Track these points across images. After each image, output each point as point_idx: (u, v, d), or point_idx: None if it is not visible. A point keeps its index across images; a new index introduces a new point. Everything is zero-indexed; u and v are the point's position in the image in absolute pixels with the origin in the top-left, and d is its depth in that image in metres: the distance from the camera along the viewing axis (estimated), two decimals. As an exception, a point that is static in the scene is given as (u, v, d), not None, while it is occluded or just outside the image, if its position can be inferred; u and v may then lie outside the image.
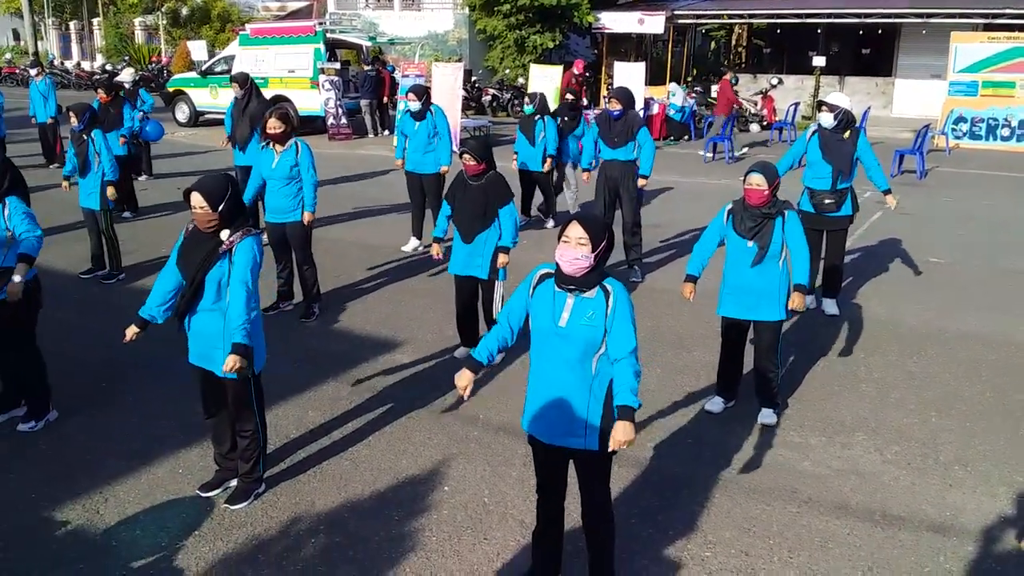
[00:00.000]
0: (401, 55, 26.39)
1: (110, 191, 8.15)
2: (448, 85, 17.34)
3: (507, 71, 24.92)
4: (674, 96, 19.73)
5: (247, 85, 9.78)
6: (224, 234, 4.17)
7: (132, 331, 4.39)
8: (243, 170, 9.19)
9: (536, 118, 10.33)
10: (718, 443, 5.28)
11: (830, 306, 7.59)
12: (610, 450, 3.34)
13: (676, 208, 12.19)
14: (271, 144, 6.97)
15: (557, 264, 3.43)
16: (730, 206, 5.35)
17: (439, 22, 27.83)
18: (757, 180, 5.15)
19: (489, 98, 23.69)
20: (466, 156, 5.99)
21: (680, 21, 24.80)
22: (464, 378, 3.61)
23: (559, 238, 3.41)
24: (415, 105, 9.16)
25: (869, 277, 8.73)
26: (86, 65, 36.21)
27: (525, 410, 3.64)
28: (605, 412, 3.44)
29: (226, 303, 4.20)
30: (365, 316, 7.49)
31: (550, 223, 10.80)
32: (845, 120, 7.11)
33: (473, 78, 24.03)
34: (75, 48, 42.72)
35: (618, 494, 4.51)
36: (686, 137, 19.87)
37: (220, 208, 4.13)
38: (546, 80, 18.64)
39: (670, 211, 11.90)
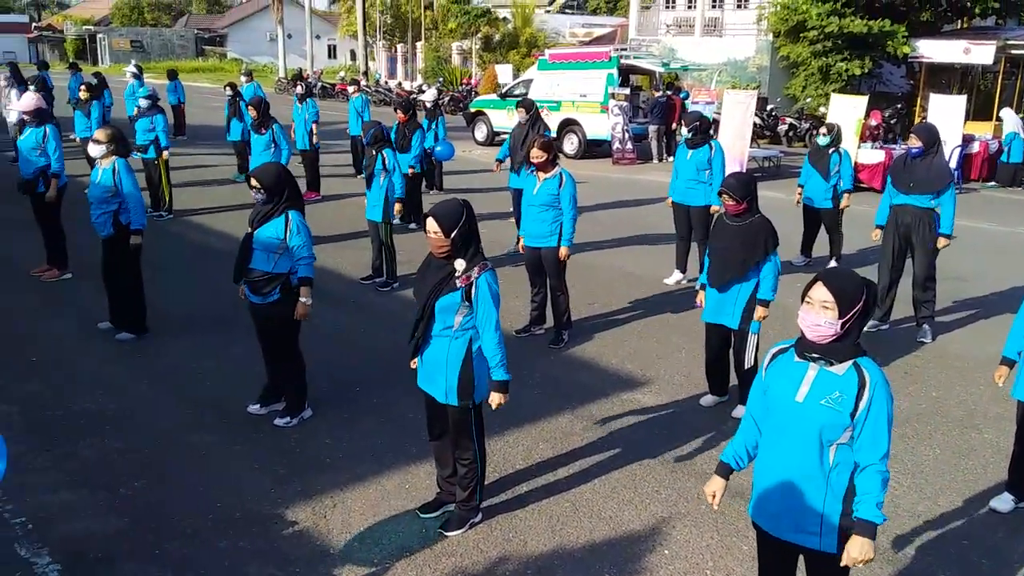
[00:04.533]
0: (697, 81, 25.94)
1: (397, 207, 8.66)
2: (739, 113, 16.69)
3: (808, 100, 23.61)
4: (1006, 124, 17.25)
5: (532, 110, 10.00)
6: (459, 265, 4.12)
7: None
8: (516, 192, 9.38)
9: (831, 150, 9.58)
10: (1003, 549, 4.41)
11: None
12: (841, 565, 2.83)
13: (981, 260, 10.71)
14: (535, 170, 6.99)
15: (801, 331, 2.98)
16: None
17: (740, 48, 27.03)
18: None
19: (786, 127, 22.57)
20: (724, 196, 5.56)
21: (1015, 52, 21.99)
22: (714, 485, 3.25)
23: (803, 297, 2.96)
24: (688, 132, 8.82)
25: None
26: (406, 85, 39.50)
27: (753, 492, 3.20)
28: (845, 509, 2.92)
29: (455, 331, 4.18)
30: (614, 349, 7.27)
31: (832, 264, 9.92)
32: None
33: (770, 106, 23.05)
34: (399, 69, 46.85)
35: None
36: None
37: (453, 235, 4.09)
38: (848, 111, 17.32)
39: (973, 263, 10.46)
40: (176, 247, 10.47)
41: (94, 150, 6.99)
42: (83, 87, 14.26)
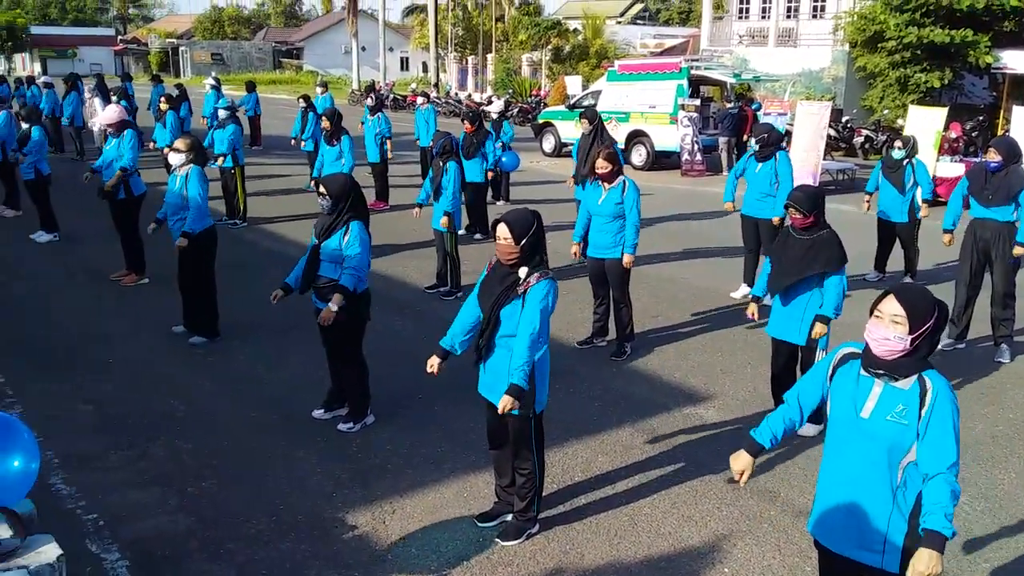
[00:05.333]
0: (770, 92, 25.54)
1: (443, 220, 8.69)
2: (812, 125, 16.38)
3: (885, 111, 23.03)
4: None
5: (595, 122, 9.99)
6: (523, 272, 4.15)
7: (434, 361, 4.48)
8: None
9: (905, 162, 9.36)
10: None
11: None
12: None
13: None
14: (600, 181, 6.97)
15: (866, 343, 2.91)
16: None
17: (815, 59, 26.52)
18: None
19: (861, 139, 22.04)
20: (791, 209, 5.45)
21: (1112, 60, 21.11)
22: (741, 462, 3.21)
23: (871, 311, 2.89)
24: (756, 146, 8.68)
25: None
26: (476, 96, 39.83)
27: (814, 508, 3.14)
28: (911, 530, 2.84)
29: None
30: (677, 362, 7.18)
31: (907, 280, 9.63)
32: None
33: (845, 118, 22.55)
34: (470, 80, 47.29)
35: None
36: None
37: (523, 242, 4.13)
38: (927, 123, 16.83)
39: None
40: (249, 254, 10.74)
41: (174, 158, 7.23)
42: (163, 98, 14.78)
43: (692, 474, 5.26)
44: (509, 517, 4.60)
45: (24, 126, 10.87)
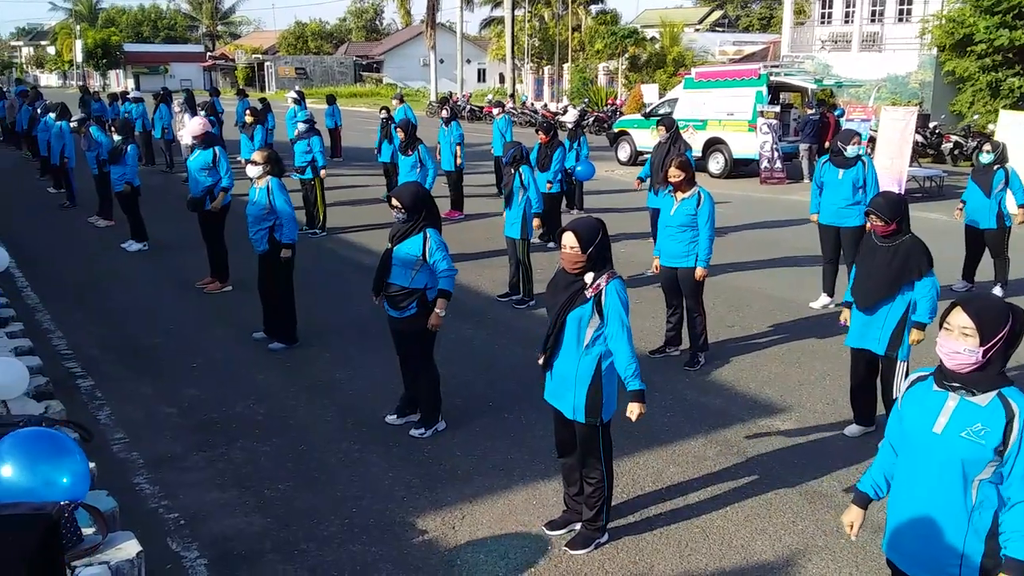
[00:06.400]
0: (853, 98, 24.91)
1: (536, 223, 8.79)
2: (897, 131, 15.90)
3: (975, 117, 22.22)
4: None
5: (672, 129, 9.91)
6: (588, 277, 4.15)
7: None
8: (655, 212, 9.29)
9: (995, 168, 9.08)
10: None
11: None
12: None
13: None
14: (672, 190, 6.91)
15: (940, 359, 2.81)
16: None
17: (901, 63, 25.80)
18: None
19: (951, 145, 21.31)
20: (872, 216, 5.30)
21: None
22: (851, 516, 3.17)
23: (941, 323, 2.80)
24: (853, 150, 8.44)
25: None
26: (552, 106, 39.93)
27: (887, 527, 3.04)
28: (988, 551, 2.73)
29: (584, 345, 4.18)
30: (752, 373, 7.05)
31: (997, 290, 9.26)
32: None
33: (933, 123, 21.84)
34: (546, 90, 47.44)
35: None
36: None
37: (589, 251, 4.13)
38: (1019, 128, 16.17)
39: None
40: (327, 262, 10.98)
41: (252, 170, 7.45)
42: (248, 112, 15.23)
43: (766, 487, 5.15)
44: (578, 526, 4.59)
45: (116, 139, 11.35)
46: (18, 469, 2.87)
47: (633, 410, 4.15)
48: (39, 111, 17.30)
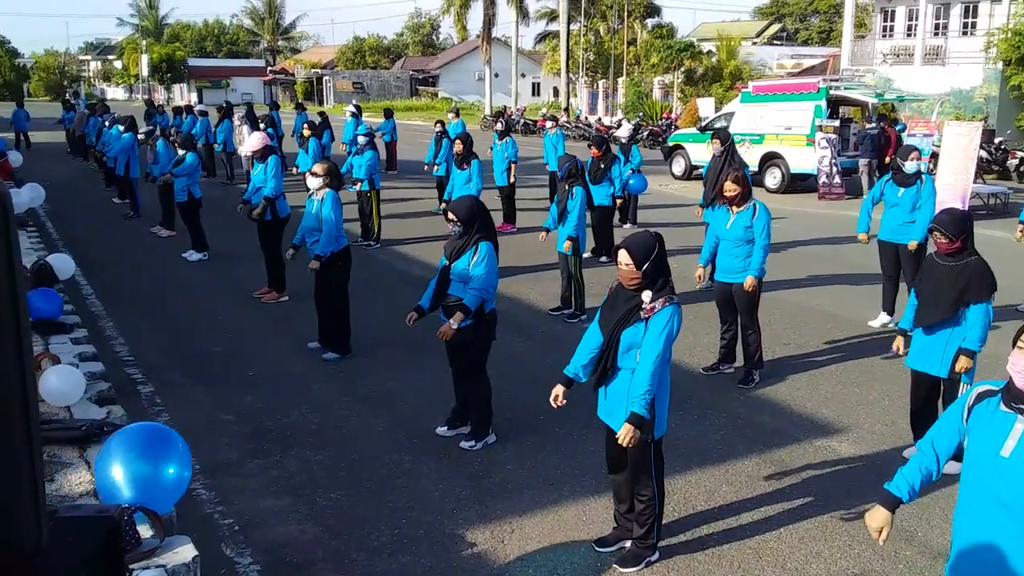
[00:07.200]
0: (915, 112, 24.41)
1: (567, 244, 8.72)
2: (961, 146, 15.52)
3: (1043, 131, 21.64)
4: None
5: (727, 143, 9.82)
6: (646, 296, 4.12)
7: (559, 392, 4.50)
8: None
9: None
10: None
11: None
12: None
13: None
14: (728, 204, 6.84)
15: (1009, 376, 2.73)
16: None
17: (965, 77, 25.24)
18: None
19: (1016, 161, 20.75)
20: (936, 233, 5.18)
21: None
22: (878, 518, 3.05)
23: (1014, 341, 2.72)
24: (912, 166, 8.27)
25: None
26: (606, 120, 39.88)
27: (951, 552, 2.95)
28: (1056, 580, 2.63)
29: (636, 364, 4.15)
30: (808, 392, 6.92)
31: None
32: None
33: (998, 139, 21.28)
34: (600, 104, 47.40)
35: None
36: None
37: (645, 267, 4.10)
38: (1091, 143, 15.69)
39: None
40: (382, 274, 11.09)
41: (311, 182, 7.57)
42: (306, 125, 15.50)
43: (822, 509, 5.04)
44: (628, 543, 4.55)
45: (180, 152, 11.64)
46: (132, 462, 3.10)
47: (625, 433, 4.03)
48: (107, 124, 17.82)
